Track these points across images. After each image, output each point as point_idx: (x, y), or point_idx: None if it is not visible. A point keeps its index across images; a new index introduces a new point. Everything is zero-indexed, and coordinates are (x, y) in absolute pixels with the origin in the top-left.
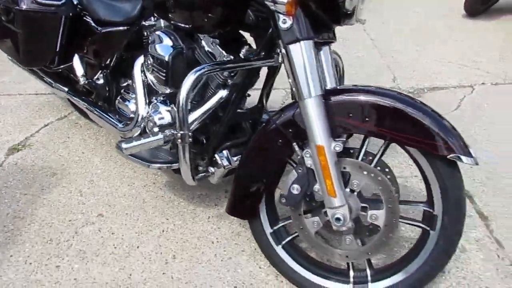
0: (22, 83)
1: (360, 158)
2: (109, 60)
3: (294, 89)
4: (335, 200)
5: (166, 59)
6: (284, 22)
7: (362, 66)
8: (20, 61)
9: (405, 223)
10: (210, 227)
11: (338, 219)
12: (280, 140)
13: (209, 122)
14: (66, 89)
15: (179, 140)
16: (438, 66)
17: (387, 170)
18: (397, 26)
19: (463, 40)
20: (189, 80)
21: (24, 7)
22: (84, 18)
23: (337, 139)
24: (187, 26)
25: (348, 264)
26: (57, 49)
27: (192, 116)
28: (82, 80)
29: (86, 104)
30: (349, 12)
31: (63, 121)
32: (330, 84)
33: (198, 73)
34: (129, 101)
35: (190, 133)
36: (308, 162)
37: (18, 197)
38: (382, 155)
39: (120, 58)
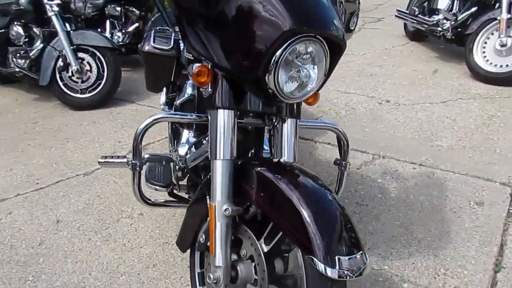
0: None
1: (264, 234)
2: None
3: (209, 148)
4: (214, 259)
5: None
6: (204, 90)
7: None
8: (146, 86)
9: None
10: None
11: (209, 277)
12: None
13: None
14: None
15: (130, 167)
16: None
17: None
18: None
19: None
20: (146, 121)
21: (146, 49)
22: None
23: (239, 206)
24: None
25: None
26: (168, 82)
27: (193, 155)
28: (162, 107)
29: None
30: (271, 92)
31: None
32: (285, 156)
33: (156, 118)
34: None
35: (139, 163)
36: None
37: (114, 186)
38: (281, 237)
39: None
